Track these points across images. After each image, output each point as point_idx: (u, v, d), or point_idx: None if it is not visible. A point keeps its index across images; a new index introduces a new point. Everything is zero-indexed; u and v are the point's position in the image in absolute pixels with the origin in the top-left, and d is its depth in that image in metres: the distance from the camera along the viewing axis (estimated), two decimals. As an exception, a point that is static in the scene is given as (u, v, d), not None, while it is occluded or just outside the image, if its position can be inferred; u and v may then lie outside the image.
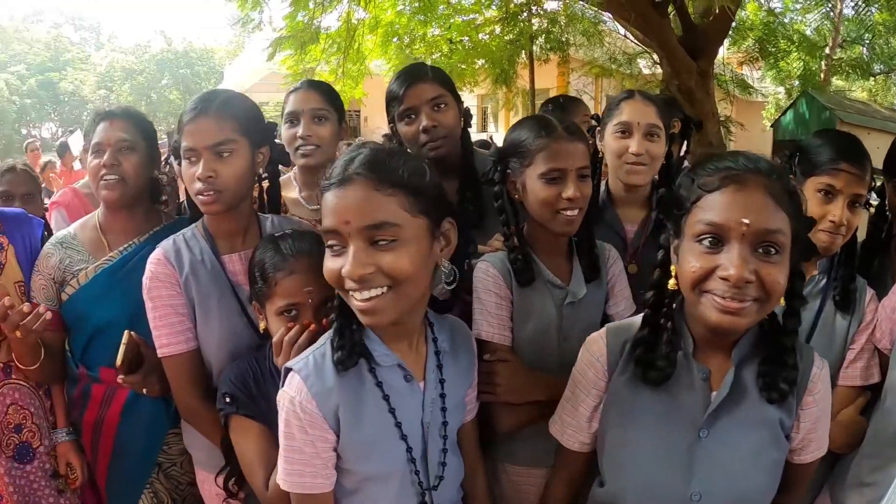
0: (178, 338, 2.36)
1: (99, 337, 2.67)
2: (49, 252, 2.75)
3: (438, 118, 2.87)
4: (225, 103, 2.31)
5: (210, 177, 2.24)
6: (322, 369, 1.80)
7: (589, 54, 14.45)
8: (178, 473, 2.77)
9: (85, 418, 2.76)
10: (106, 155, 2.65)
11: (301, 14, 9.43)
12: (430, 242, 1.71)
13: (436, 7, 11.56)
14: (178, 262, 2.38)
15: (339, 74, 11.36)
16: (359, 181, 1.62)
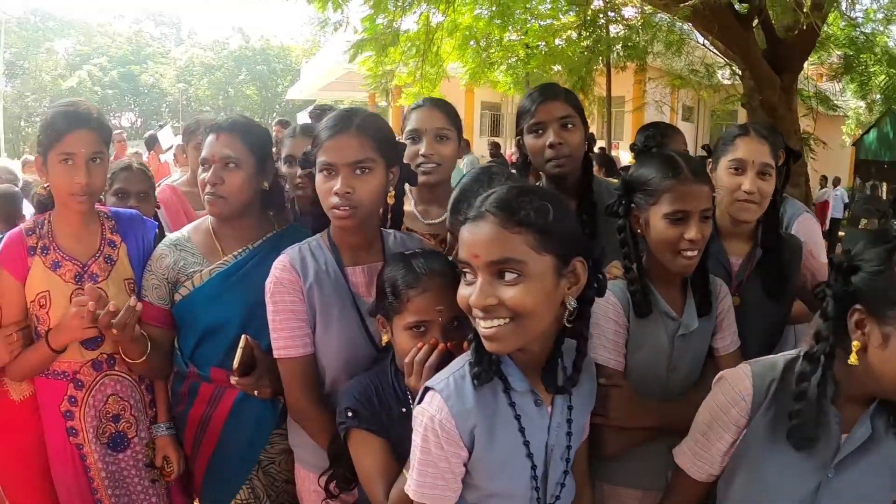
0: (297, 342, 2.42)
1: (210, 338, 2.75)
2: (163, 253, 2.82)
3: (565, 136, 2.95)
4: (365, 123, 2.36)
5: (348, 192, 2.29)
6: (462, 390, 1.88)
7: (667, 63, 14.28)
8: (275, 471, 2.83)
9: (191, 414, 2.82)
10: (210, 172, 2.69)
11: (380, 17, 9.50)
12: (556, 280, 1.76)
13: (513, 11, 11.54)
14: (303, 270, 2.45)
15: (417, 77, 11.43)
16: (489, 218, 1.72)
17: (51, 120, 2.73)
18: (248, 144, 2.76)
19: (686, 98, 18.51)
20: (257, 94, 61.14)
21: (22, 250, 2.80)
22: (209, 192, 2.69)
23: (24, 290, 2.79)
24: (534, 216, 1.71)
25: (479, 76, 14.57)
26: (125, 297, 2.73)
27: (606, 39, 13.02)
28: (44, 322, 2.77)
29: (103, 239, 2.90)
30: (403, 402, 2.26)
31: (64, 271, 2.80)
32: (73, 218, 2.85)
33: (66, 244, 2.84)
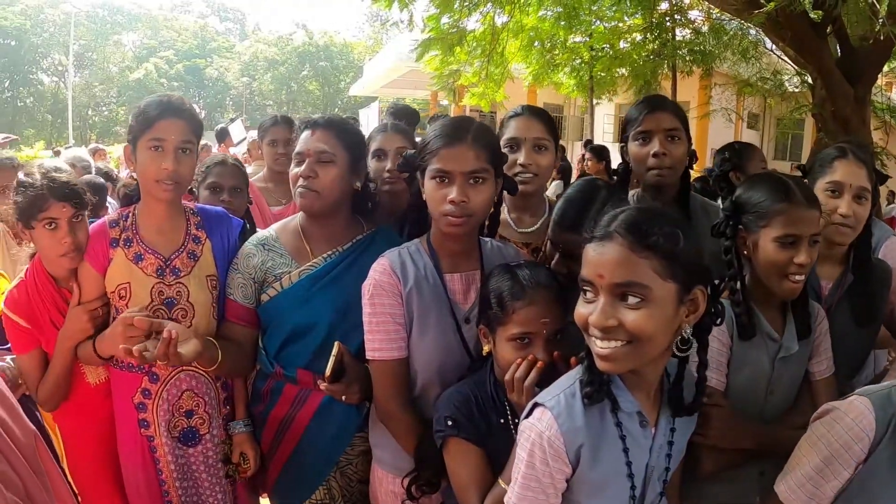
0: (391, 345, 2.44)
1: (297, 339, 2.75)
2: (251, 252, 2.82)
3: (669, 148, 2.99)
4: (480, 134, 2.39)
5: (463, 201, 2.32)
6: (572, 409, 1.89)
7: (734, 69, 14.08)
8: (352, 472, 2.84)
9: (272, 414, 2.83)
10: (304, 165, 2.69)
11: (445, 17, 9.52)
12: (676, 307, 1.76)
13: (578, 13, 11.48)
14: (402, 274, 2.47)
15: (482, 77, 11.43)
16: (617, 240, 1.72)
17: (143, 108, 2.75)
18: (343, 142, 2.76)
19: (752, 105, 18.21)
20: (319, 90, 61.70)
21: (104, 242, 2.82)
22: (302, 185, 2.69)
23: (103, 281, 2.81)
24: (663, 242, 1.71)
25: (543, 77, 14.55)
26: (206, 295, 2.84)
27: (672, 43, 12.90)
28: (122, 312, 2.77)
29: (188, 234, 2.92)
30: (501, 413, 2.28)
31: (146, 264, 2.82)
32: (159, 210, 2.85)
33: (149, 237, 2.86)
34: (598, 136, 21.55)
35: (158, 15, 72.60)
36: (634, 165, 3.10)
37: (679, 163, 3.04)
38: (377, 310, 2.45)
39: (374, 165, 3.44)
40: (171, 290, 2.82)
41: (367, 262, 2.61)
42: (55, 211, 2.73)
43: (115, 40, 66.22)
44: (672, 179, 3.05)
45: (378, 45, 52.97)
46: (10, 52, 56.51)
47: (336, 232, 2.83)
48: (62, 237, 2.74)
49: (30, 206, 2.74)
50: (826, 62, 7.57)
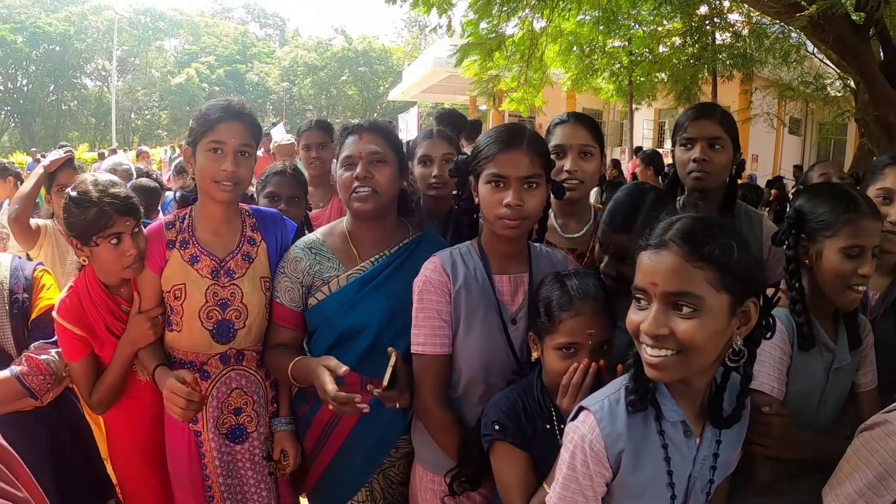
0: (436, 340, 2.51)
1: (344, 343, 2.76)
2: (298, 256, 2.84)
3: (711, 155, 3.07)
4: (534, 140, 2.46)
5: (519, 205, 2.38)
6: (615, 414, 1.91)
7: (774, 73, 13.94)
8: (394, 474, 2.88)
9: (318, 415, 2.87)
10: (358, 167, 2.71)
11: (484, 22, 9.54)
12: (728, 318, 1.76)
13: (617, 17, 11.44)
14: (453, 273, 2.54)
15: (521, 81, 11.43)
16: (672, 248, 1.74)
17: (204, 112, 2.81)
18: (390, 143, 2.82)
19: (793, 110, 18.04)
20: (358, 95, 62.02)
21: (160, 243, 2.88)
22: (359, 187, 2.71)
23: (159, 281, 2.88)
24: (718, 253, 1.71)
25: (582, 82, 14.52)
26: (260, 296, 2.91)
27: (713, 48, 12.81)
28: (177, 313, 2.86)
29: (243, 236, 2.97)
30: (548, 418, 2.32)
31: (201, 266, 2.88)
32: (216, 211, 2.91)
33: (205, 239, 2.92)
34: (638, 141, 21.49)
35: (199, 21, 73.52)
36: (678, 170, 3.17)
37: (720, 170, 3.08)
38: (424, 305, 2.52)
39: (420, 171, 3.53)
40: (226, 291, 2.88)
41: (414, 265, 2.67)
42: (119, 226, 2.79)
43: (157, 46, 67.28)
44: (711, 185, 3.09)
45: (416, 51, 53.19)
46: (55, 57, 57.58)
47: (384, 235, 2.86)
48: (127, 250, 2.80)
49: (92, 224, 2.76)
50: (869, 65, 7.43)
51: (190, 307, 2.85)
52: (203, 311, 2.85)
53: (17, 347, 2.85)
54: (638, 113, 18.45)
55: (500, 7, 8.83)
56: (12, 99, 59.00)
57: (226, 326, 2.88)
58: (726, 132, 3.08)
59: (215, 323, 2.87)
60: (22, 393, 2.73)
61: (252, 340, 2.93)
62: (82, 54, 59.72)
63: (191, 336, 2.88)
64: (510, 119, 25.86)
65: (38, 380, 2.77)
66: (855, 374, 2.52)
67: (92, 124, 61.28)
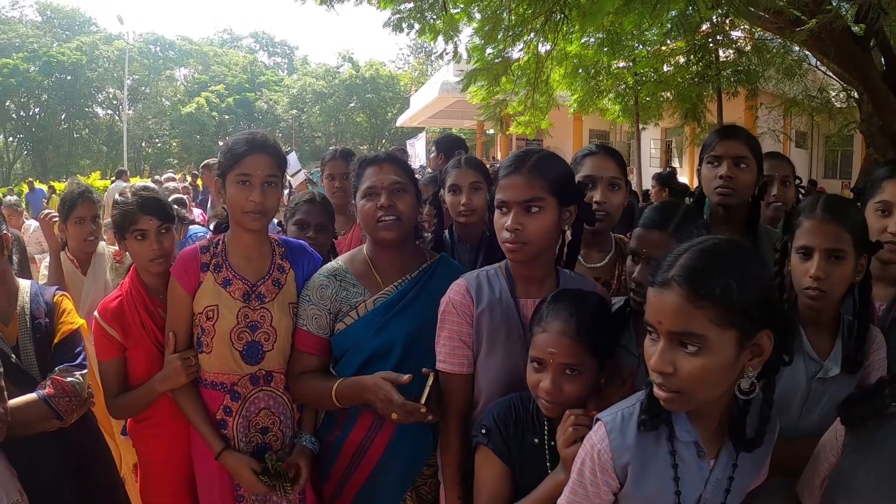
0: (454, 360, 2.62)
1: (373, 364, 2.81)
2: (323, 283, 2.93)
3: (736, 173, 3.17)
4: (538, 164, 2.50)
5: (517, 229, 2.44)
6: (626, 427, 1.98)
7: (779, 88, 13.96)
8: (426, 491, 2.96)
9: (349, 439, 2.93)
10: (382, 197, 2.82)
11: (489, 48, 9.66)
12: (736, 352, 1.76)
13: (622, 38, 11.53)
14: (477, 295, 2.61)
15: (527, 105, 11.54)
16: (675, 289, 1.75)
17: (231, 145, 2.95)
18: (406, 172, 2.95)
19: (799, 123, 18.03)
20: (367, 122, 62.23)
21: (196, 266, 3.02)
22: (384, 216, 2.81)
23: (191, 303, 3.01)
24: (720, 292, 1.70)
25: (588, 104, 14.60)
26: (288, 320, 3.03)
27: (716, 65, 12.86)
28: (209, 333, 2.98)
29: (273, 263, 3.10)
30: (538, 432, 2.40)
31: (234, 289, 3.00)
32: (246, 239, 3.05)
33: (237, 264, 3.05)
34: (645, 162, 21.49)
35: (209, 50, 73.95)
36: (704, 186, 3.27)
37: (745, 188, 3.18)
38: (445, 325, 2.64)
39: (451, 199, 3.75)
40: (256, 314, 3.00)
41: (435, 287, 2.82)
42: (143, 223, 3.19)
43: (167, 75, 67.56)
44: (735, 202, 3.18)
45: (423, 77, 53.35)
46: (67, 85, 57.85)
47: (404, 261, 2.97)
48: (150, 245, 3.18)
49: (122, 220, 3.22)
50: (871, 76, 7.50)
51: (221, 328, 2.97)
52: (234, 332, 2.97)
53: (41, 371, 2.93)
54: (645, 133, 18.51)
55: (506, 32, 8.92)
56: (25, 127, 59.36)
57: (255, 348, 2.99)
58: (751, 152, 3.19)
59: (245, 344, 2.98)
60: (49, 414, 2.80)
61: (280, 362, 3.03)
62: (94, 83, 60.04)
63: (221, 356, 2.99)
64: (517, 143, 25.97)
65: (63, 402, 2.84)
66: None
67: (103, 152, 61.46)
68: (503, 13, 8.47)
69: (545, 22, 8.35)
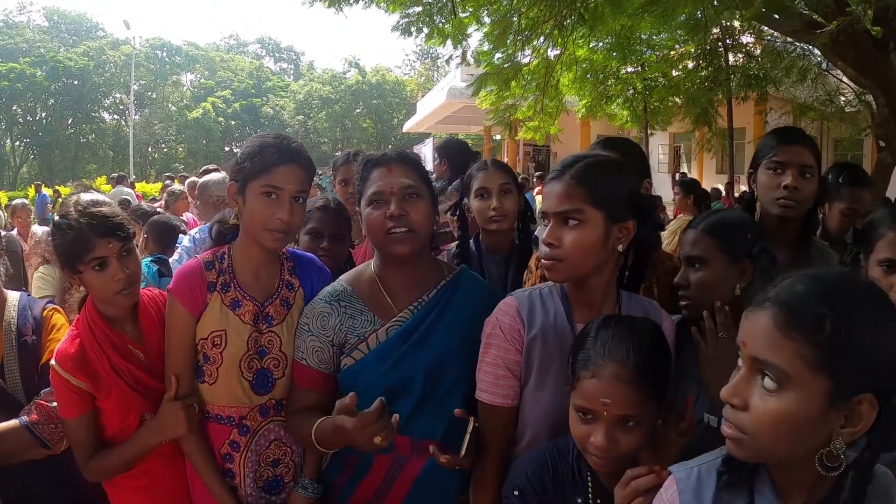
0: (498, 391, 2.27)
1: (388, 403, 2.28)
2: (324, 311, 2.52)
3: (802, 184, 2.92)
4: (584, 171, 2.17)
5: (552, 243, 2.15)
6: (701, 487, 1.65)
7: (789, 92, 13.89)
8: None
9: (363, 485, 2.51)
10: (392, 205, 2.40)
11: (498, 53, 9.66)
12: (824, 408, 1.40)
13: (632, 43, 11.48)
14: (529, 318, 2.27)
15: (537, 110, 11.46)
16: (769, 311, 1.44)
17: (260, 149, 2.54)
18: (420, 174, 2.55)
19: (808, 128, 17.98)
20: (373, 127, 62.43)
21: (202, 285, 2.61)
22: (395, 228, 2.40)
23: (195, 327, 2.60)
24: (814, 324, 1.38)
25: (596, 109, 14.54)
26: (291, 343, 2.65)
27: (726, 69, 12.79)
28: (214, 361, 2.59)
29: (281, 280, 2.73)
30: (581, 491, 2.05)
31: (243, 311, 2.62)
32: (257, 255, 2.67)
33: (246, 282, 2.67)
34: (654, 167, 21.42)
35: (215, 56, 74.23)
36: (761, 193, 3.03)
37: (808, 200, 2.98)
38: (490, 351, 2.29)
39: (479, 205, 3.45)
40: (264, 338, 2.64)
41: (458, 307, 2.48)
42: (102, 249, 2.53)
43: (173, 80, 67.91)
44: (797, 214, 2.99)
45: (429, 83, 53.49)
46: (74, 91, 58.14)
47: (418, 278, 2.55)
48: (114, 274, 2.54)
49: (72, 249, 2.53)
50: (889, 79, 7.44)
51: (230, 356, 2.59)
52: (244, 360, 2.60)
53: (27, 393, 2.69)
54: (653, 138, 18.45)
55: (515, 37, 8.85)
56: (31, 131, 59.64)
57: (265, 376, 2.63)
58: (816, 160, 2.98)
59: (255, 373, 2.62)
60: (32, 443, 2.57)
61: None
62: (100, 88, 60.30)
63: (229, 388, 2.61)
64: (524, 148, 25.88)
65: (49, 429, 2.59)
66: None
67: (110, 157, 61.65)
68: (513, 17, 8.42)
69: (555, 26, 8.30)
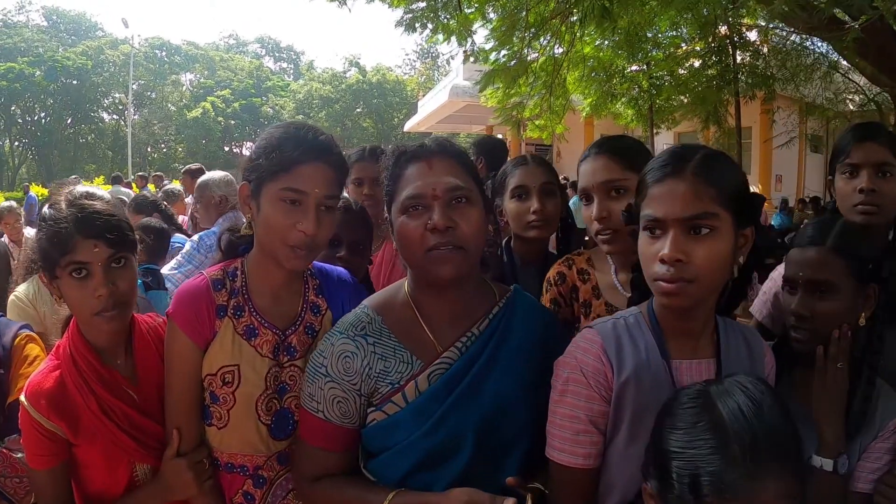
0: (577, 449, 1.82)
1: (429, 468, 1.91)
2: (348, 350, 1.96)
3: (879, 184, 2.63)
4: (706, 165, 1.75)
5: (680, 260, 1.69)
6: None
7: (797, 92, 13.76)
8: None
9: None
10: (435, 213, 1.87)
11: (504, 49, 9.50)
12: None
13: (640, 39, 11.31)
14: (618, 358, 1.83)
15: (543, 109, 11.25)
16: None
17: (278, 143, 2.04)
18: (469, 170, 2.01)
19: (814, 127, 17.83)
20: (373, 127, 62.34)
21: (210, 309, 2.13)
22: (439, 244, 1.87)
23: (202, 360, 2.14)
24: None
25: (601, 108, 14.35)
26: None
27: (734, 68, 12.63)
28: (225, 402, 2.13)
29: (305, 302, 2.25)
30: None
31: (261, 342, 2.15)
32: (277, 274, 2.18)
33: (264, 306, 2.19)
34: (658, 166, 21.30)
35: (215, 55, 74.44)
36: (840, 202, 2.74)
37: (891, 202, 2.67)
38: (567, 399, 1.84)
39: (515, 206, 2.99)
40: (285, 373, 2.17)
41: (516, 345, 2.00)
42: (85, 252, 2.04)
43: (173, 80, 68.11)
44: (881, 219, 2.68)
45: (430, 82, 53.47)
46: (73, 90, 58.20)
47: (466, 305, 2.02)
48: (96, 288, 2.04)
49: (51, 247, 2.05)
50: (909, 75, 7.30)
51: (244, 396, 2.12)
52: (262, 400, 2.13)
53: None
54: (658, 137, 18.30)
55: (523, 33, 8.68)
56: (30, 131, 59.64)
57: (284, 418, 2.17)
58: (895, 156, 2.67)
59: (274, 415, 2.16)
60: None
61: None
62: (99, 88, 60.43)
63: (243, 433, 2.15)
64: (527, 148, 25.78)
65: (13, 483, 2.20)
66: None
67: (109, 157, 61.88)
68: (521, 12, 8.23)
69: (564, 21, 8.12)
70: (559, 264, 2.70)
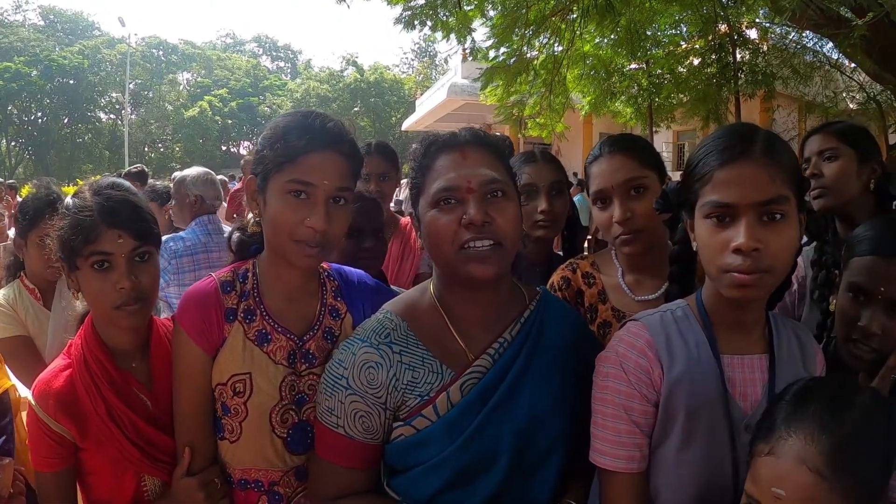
0: (620, 451, 1.70)
1: (461, 485, 1.79)
2: (372, 360, 1.81)
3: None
4: (772, 145, 1.63)
5: (755, 249, 1.55)
6: None
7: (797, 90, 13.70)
8: None
9: None
10: (471, 207, 1.73)
11: (503, 47, 9.46)
12: None
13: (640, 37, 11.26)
14: (667, 352, 1.71)
15: (543, 107, 11.18)
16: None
17: (283, 132, 1.91)
18: (504, 163, 1.89)
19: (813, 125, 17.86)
20: (371, 126, 62.27)
21: (218, 313, 2.00)
22: (475, 240, 1.74)
23: (211, 368, 2.01)
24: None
25: (600, 106, 14.30)
26: None
27: (734, 66, 12.58)
28: (237, 414, 2.00)
29: (324, 305, 2.11)
30: None
31: (274, 348, 2.02)
32: (290, 274, 2.06)
33: (277, 308, 2.06)
34: (657, 165, 21.25)
35: (212, 55, 74.63)
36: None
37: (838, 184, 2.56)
38: (609, 398, 1.73)
39: (522, 205, 2.77)
40: (303, 382, 2.04)
41: (550, 349, 1.88)
42: (108, 242, 1.96)
43: (169, 79, 68.33)
44: (830, 204, 2.58)
45: (427, 81, 53.43)
46: (69, 90, 58.48)
47: (497, 308, 1.90)
48: (118, 280, 1.97)
49: (72, 236, 1.96)
50: (916, 73, 7.24)
51: (257, 407, 1.99)
52: (276, 412, 2.00)
53: None
54: (657, 136, 18.25)
55: (523, 30, 8.63)
56: (27, 131, 59.92)
57: (302, 431, 2.03)
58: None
59: (290, 427, 2.03)
60: None
61: None
62: (96, 87, 60.66)
63: (257, 447, 2.02)
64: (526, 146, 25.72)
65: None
66: None
67: (106, 157, 61.89)
68: (522, 9, 8.18)
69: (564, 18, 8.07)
70: (563, 269, 2.62)
